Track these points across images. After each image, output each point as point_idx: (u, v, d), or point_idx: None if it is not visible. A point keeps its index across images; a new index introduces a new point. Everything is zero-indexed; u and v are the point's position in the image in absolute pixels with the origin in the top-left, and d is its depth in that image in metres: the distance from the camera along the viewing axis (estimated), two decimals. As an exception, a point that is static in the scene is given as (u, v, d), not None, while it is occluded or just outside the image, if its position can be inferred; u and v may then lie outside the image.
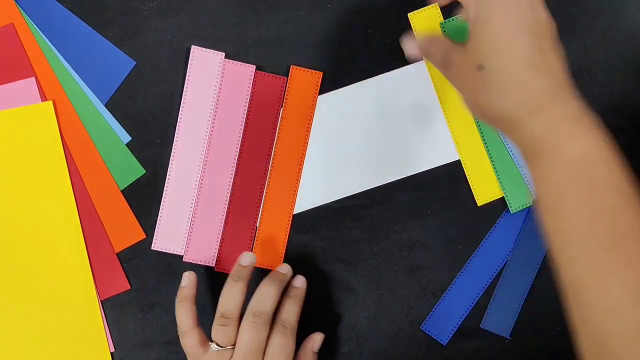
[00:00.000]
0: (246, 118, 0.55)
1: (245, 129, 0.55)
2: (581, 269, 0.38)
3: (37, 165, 0.54)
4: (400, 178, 0.55)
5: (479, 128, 0.55)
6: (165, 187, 0.54)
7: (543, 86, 0.40)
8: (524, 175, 0.55)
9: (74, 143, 0.54)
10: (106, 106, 0.55)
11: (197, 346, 0.49)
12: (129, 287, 0.55)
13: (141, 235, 0.55)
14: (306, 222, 0.55)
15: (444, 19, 0.53)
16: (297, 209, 0.55)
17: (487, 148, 0.55)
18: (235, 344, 0.48)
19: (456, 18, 0.53)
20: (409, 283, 0.55)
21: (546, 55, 0.41)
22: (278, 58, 0.55)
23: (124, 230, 0.54)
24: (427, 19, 0.53)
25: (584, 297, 0.38)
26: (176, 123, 0.55)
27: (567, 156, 0.39)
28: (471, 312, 0.55)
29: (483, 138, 0.55)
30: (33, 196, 0.54)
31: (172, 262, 0.55)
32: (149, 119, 0.55)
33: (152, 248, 0.54)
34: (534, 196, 0.42)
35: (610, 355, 0.37)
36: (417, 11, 0.53)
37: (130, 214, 0.54)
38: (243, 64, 0.55)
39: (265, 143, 0.55)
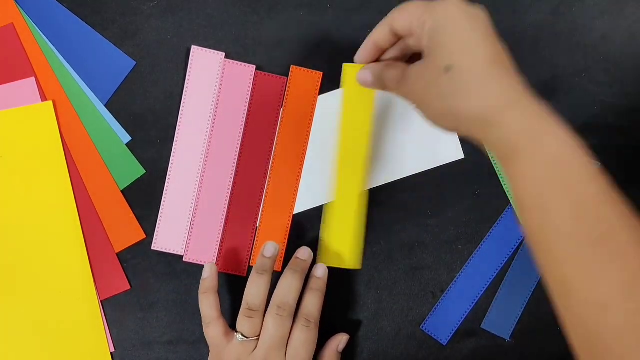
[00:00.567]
0: (246, 118, 0.55)
1: (245, 129, 0.55)
2: (568, 268, 0.38)
3: (37, 165, 0.54)
4: (400, 178, 0.55)
5: None
6: (165, 187, 0.54)
7: (514, 81, 0.39)
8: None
9: (74, 143, 0.54)
10: (106, 106, 0.55)
11: (221, 336, 0.50)
12: (129, 287, 0.55)
13: (141, 235, 0.55)
14: (306, 222, 0.55)
15: None
16: (297, 209, 0.55)
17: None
18: (259, 335, 0.49)
19: None
20: (409, 283, 0.55)
21: (508, 60, 0.41)
22: (278, 58, 0.55)
23: (124, 230, 0.54)
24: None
25: (573, 297, 0.38)
26: (176, 123, 0.55)
27: (544, 152, 0.38)
28: (471, 312, 0.55)
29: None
30: (33, 196, 0.54)
31: (172, 262, 0.55)
32: (149, 119, 0.55)
33: (152, 248, 0.54)
34: (513, 197, 0.41)
35: (604, 352, 0.37)
36: (353, 65, 0.50)
37: (130, 214, 0.55)
38: (243, 64, 0.55)
39: (265, 143, 0.55)
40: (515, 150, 0.39)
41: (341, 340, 0.53)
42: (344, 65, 0.53)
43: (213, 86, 0.54)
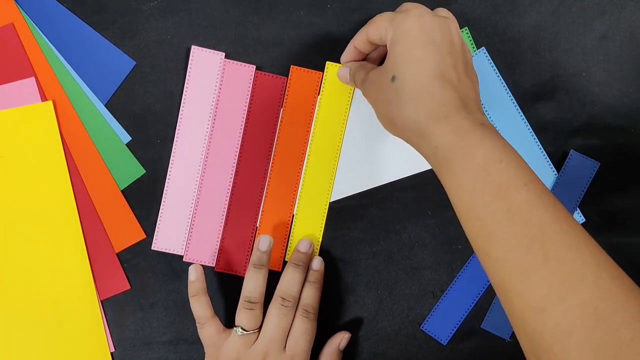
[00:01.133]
0: (246, 118, 0.55)
1: (245, 129, 0.55)
2: (505, 272, 0.39)
3: (37, 165, 0.54)
4: (400, 178, 0.55)
5: None
6: (165, 187, 0.54)
7: (450, 97, 0.42)
8: None
9: (74, 143, 0.54)
10: (106, 106, 0.55)
11: (217, 335, 0.51)
12: (129, 287, 0.55)
13: (141, 235, 0.55)
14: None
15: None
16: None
17: None
18: (258, 328, 0.50)
19: None
20: (409, 283, 0.55)
21: (457, 72, 0.43)
22: (278, 58, 0.55)
23: (124, 230, 0.54)
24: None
25: (514, 300, 0.39)
26: (176, 123, 0.55)
27: (476, 161, 0.40)
28: (471, 312, 0.55)
29: None
30: (33, 196, 0.54)
31: (172, 262, 0.55)
32: (149, 119, 0.55)
33: (152, 248, 0.54)
34: (452, 204, 0.42)
35: (544, 352, 0.38)
36: (336, 64, 0.54)
37: (130, 214, 0.54)
38: (243, 64, 0.55)
39: (265, 143, 0.55)
40: (446, 160, 0.41)
41: (343, 338, 0.53)
42: (327, 63, 0.54)
43: (213, 86, 0.54)
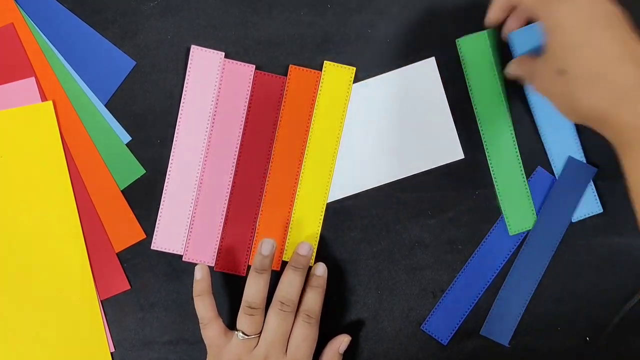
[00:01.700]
0: (246, 118, 0.55)
1: (244, 129, 0.55)
2: None
3: (37, 165, 0.54)
4: (400, 178, 0.55)
5: (486, 148, 0.55)
6: (165, 187, 0.54)
7: (629, 75, 0.41)
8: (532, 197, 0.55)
9: (74, 143, 0.54)
10: (106, 106, 0.55)
11: (220, 336, 0.50)
12: (129, 287, 0.55)
13: (141, 235, 0.55)
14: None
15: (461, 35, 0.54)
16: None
17: (491, 163, 0.55)
18: (259, 333, 0.50)
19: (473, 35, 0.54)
20: (409, 283, 0.55)
21: (627, 44, 0.41)
22: (278, 58, 0.55)
23: (124, 230, 0.54)
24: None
25: None
26: (176, 123, 0.55)
27: None
28: (471, 312, 0.55)
29: (489, 156, 0.55)
30: (33, 196, 0.54)
31: (172, 262, 0.55)
32: (149, 119, 0.55)
33: (152, 248, 0.54)
34: (629, 187, 0.42)
35: None
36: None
37: (130, 214, 0.55)
38: (243, 64, 0.55)
39: (264, 143, 0.55)
40: (628, 143, 0.41)
41: (343, 341, 0.53)
42: (326, 63, 0.54)
43: (213, 86, 0.54)
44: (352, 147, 0.55)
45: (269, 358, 0.49)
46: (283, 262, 0.55)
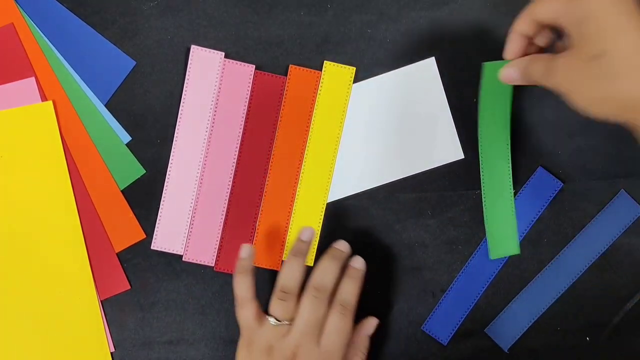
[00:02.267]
0: (246, 118, 0.55)
1: (244, 129, 0.55)
2: None
3: (37, 165, 0.54)
4: (400, 178, 0.55)
5: (482, 174, 0.54)
6: (165, 187, 0.55)
7: None
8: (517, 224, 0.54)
9: (74, 143, 0.54)
10: (106, 106, 0.55)
11: (253, 319, 0.49)
12: (129, 287, 0.55)
13: (141, 235, 0.55)
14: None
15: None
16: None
17: (484, 186, 0.55)
18: (292, 320, 0.48)
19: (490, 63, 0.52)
20: (409, 283, 0.55)
21: None
22: (278, 58, 0.55)
23: (124, 230, 0.54)
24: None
25: None
26: (176, 123, 0.55)
27: None
28: (471, 312, 0.55)
29: (483, 181, 0.54)
30: (33, 196, 0.54)
31: (172, 262, 0.55)
32: (149, 119, 0.55)
33: (152, 247, 0.54)
34: None
35: None
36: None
37: (130, 214, 0.55)
38: (243, 64, 0.55)
39: (264, 143, 0.55)
40: None
41: (371, 324, 0.52)
42: (325, 63, 0.54)
43: (213, 86, 0.54)
44: (352, 147, 0.55)
45: (301, 347, 0.47)
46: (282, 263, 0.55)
